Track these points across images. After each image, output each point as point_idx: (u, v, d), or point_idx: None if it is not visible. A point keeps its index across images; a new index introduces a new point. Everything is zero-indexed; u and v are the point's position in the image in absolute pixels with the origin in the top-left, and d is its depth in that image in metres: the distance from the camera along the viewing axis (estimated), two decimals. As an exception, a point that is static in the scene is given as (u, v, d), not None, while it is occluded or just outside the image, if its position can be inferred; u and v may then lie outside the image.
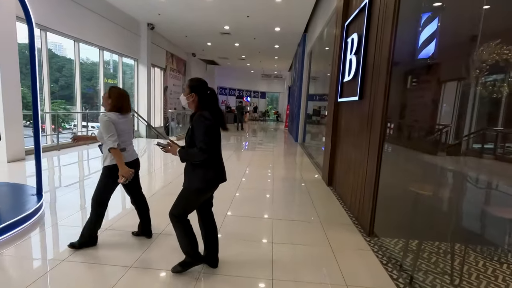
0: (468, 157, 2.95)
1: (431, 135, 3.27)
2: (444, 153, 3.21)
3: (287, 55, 13.76)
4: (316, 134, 8.04)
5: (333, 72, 4.32)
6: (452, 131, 2.97)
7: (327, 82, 6.35)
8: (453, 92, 2.95)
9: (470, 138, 2.84)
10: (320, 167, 5.68)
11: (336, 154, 4.12)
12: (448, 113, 3.09)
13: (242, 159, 6.26)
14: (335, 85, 4.12)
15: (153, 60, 10.69)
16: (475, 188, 2.97)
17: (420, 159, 3.25)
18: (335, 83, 4.14)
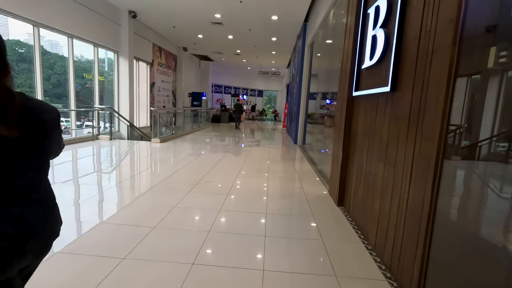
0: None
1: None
2: None
3: (285, 49, 12.75)
4: (319, 136, 7.05)
5: (345, 57, 3.33)
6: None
7: (332, 77, 5.38)
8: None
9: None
10: (325, 176, 4.69)
11: (350, 167, 3.13)
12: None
13: (234, 165, 5.27)
14: (349, 74, 3.13)
15: (137, 53, 9.64)
16: None
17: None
18: (348, 71, 3.15)
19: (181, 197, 3.30)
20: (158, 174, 4.46)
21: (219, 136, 10.61)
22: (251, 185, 4.02)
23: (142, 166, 5.03)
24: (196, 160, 5.64)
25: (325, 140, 5.58)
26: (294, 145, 8.93)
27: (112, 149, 6.54)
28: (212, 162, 5.40)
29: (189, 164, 5.16)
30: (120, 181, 3.96)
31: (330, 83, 5.37)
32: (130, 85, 8.90)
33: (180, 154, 6.31)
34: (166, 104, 12.87)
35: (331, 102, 5.38)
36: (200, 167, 4.99)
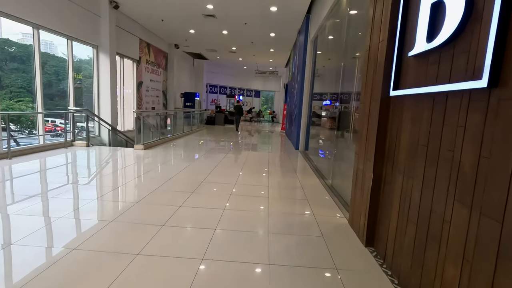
0: None
1: None
2: None
3: (285, 46, 11.88)
4: (327, 143, 6.16)
5: (374, 41, 2.44)
6: None
7: (346, 75, 4.51)
8: None
9: None
10: (338, 194, 3.80)
11: (387, 195, 2.23)
12: None
13: (226, 180, 4.36)
14: (383, 66, 2.24)
15: (121, 49, 8.69)
16: None
17: None
18: (382, 61, 2.26)
19: (150, 237, 2.38)
20: (127, 198, 3.53)
21: (213, 141, 9.69)
22: (247, 212, 3.11)
23: (108, 185, 4.09)
24: (181, 174, 4.72)
25: (337, 148, 4.69)
26: (296, 151, 8.04)
27: (81, 159, 5.59)
28: (199, 177, 4.49)
29: (170, 181, 4.23)
30: (74, 208, 3.02)
31: (343, 82, 4.49)
32: (113, 84, 7.95)
33: (162, 166, 5.38)
34: (156, 105, 11.92)
35: (347, 103, 4.49)
36: (183, 185, 4.07)
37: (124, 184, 4.04)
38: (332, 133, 5.36)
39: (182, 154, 6.52)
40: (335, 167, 4.58)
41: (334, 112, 4.98)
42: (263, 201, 3.46)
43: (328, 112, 5.65)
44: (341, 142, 4.49)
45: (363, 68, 2.73)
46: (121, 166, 5.13)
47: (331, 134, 5.48)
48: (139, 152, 6.49)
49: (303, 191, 4.01)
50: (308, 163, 6.15)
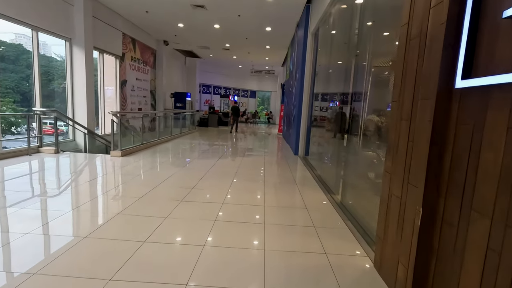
0: None
1: None
2: None
3: (282, 42, 11.09)
4: (334, 150, 5.38)
5: (417, 13, 1.63)
6: None
7: (358, 72, 3.72)
8: None
9: None
10: (351, 215, 2.99)
11: (454, 244, 1.42)
12: None
13: (212, 196, 3.54)
14: (441, 45, 1.44)
15: (100, 43, 7.82)
16: None
17: None
18: (440, 38, 1.46)
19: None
20: (66, 231, 2.68)
21: (203, 145, 8.84)
22: (234, 251, 2.29)
23: (66, 204, 3.23)
24: (157, 190, 3.87)
25: (347, 155, 3.88)
26: (295, 156, 7.23)
27: (40, 170, 4.71)
28: (179, 194, 3.65)
29: (139, 202, 3.39)
30: (11, 240, 2.17)
31: (355, 79, 3.69)
32: (89, 82, 7.07)
33: (136, 179, 4.53)
34: (143, 106, 11.04)
35: (359, 102, 3.69)
36: (155, 207, 3.23)
37: (98, 196, 3.18)
38: (339, 137, 4.56)
39: (164, 163, 5.66)
40: (345, 179, 3.77)
41: (343, 113, 4.18)
42: (257, 232, 2.63)
43: (333, 113, 4.85)
44: (351, 148, 3.69)
45: (399, 52, 1.93)
46: (85, 180, 4.26)
47: (337, 139, 4.68)
48: (115, 159, 5.62)
49: (308, 214, 3.19)
50: (310, 172, 5.34)
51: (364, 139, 3.33)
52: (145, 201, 3.33)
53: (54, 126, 5.91)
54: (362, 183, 3.36)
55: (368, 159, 3.31)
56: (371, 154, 3.30)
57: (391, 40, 2.86)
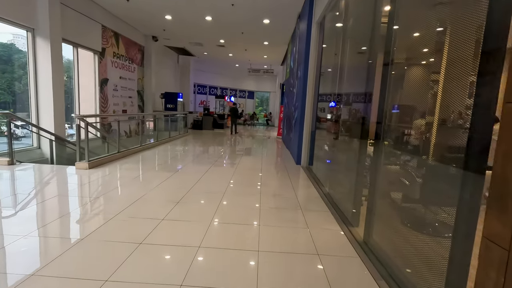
0: None
1: None
2: None
3: (281, 37, 10.11)
4: (345, 156, 4.39)
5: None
6: None
7: (363, 69, 2.73)
8: None
9: None
10: (391, 269, 1.99)
11: None
12: None
13: (185, 238, 2.55)
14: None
15: (72, 35, 6.82)
16: None
17: None
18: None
19: None
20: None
21: (192, 152, 7.84)
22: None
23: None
24: (122, 214, 2.87)
25: (374, 171, 2.88)
26: (297, 166, 6.24)
27: (53, 178, 3.70)
28: (138, 233, 2.64)
29: (100, 232, 2.39)
30: None
31: (385, 78, 2.69)
32: (56, 80, 6.06)
33: (98, 201, 3.52)
34: (129, 107, 10.03)
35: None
36: (123, 234, 2.23)
37: (11, 242, 2.17)
38: (357, 147, 3.56)
39: (135, 179, 4.65)
40: (371, 206, 2.77)
41: (364, 117, 3.17)
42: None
43: (349, 117, 3.85)
44: (378, 161, 2.70)
45: None
46: (45, 198, 3.24)
47: (354, 148, 3.68)
48: (80, 173, 4.61)
49: (320, 265, 2.19)
50: (315, 188, 4.34)
51: (399, 149, 2.37)
52: (107, 231, 2.32)
53: (8, 132, 4.89)
54: (398, 212, 2.37)
55: (409, 177, 2.32)
56: (412, 170, 2.32)
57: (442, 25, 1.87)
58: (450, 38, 1.76)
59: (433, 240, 1.95)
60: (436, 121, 1.98)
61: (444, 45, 1.80)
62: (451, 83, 1.73)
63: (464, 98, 1.58)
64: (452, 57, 1.71)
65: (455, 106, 1.70)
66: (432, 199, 2.06)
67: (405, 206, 2.40)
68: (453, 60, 1.70)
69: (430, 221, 2.02)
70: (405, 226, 2.24)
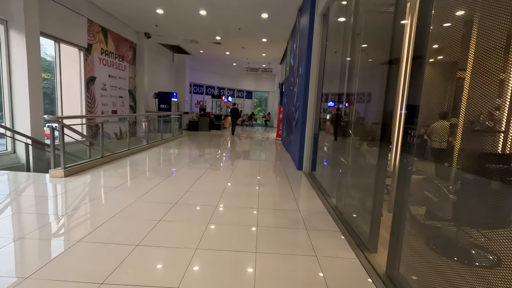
0: None
1: None
2: None
3: (281, 34, 9.58)
4: (358, 162, 3.85)
5: None
6: None
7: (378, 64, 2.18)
8: None
9: None
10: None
11: None
12: None
13: (167, 268, 2.01)
14: None
15: (53, 29, 6.26)
16: None
17: None
18: None
19: None
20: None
21: (184, 156, 7.30)
22: None
23: None
24: (90, 238, 2.32)
25: (401, 185, 2.35)
26: (298, 172, 5.70)
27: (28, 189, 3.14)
28: (117, 255, 2.09)
29: (60, 261, 1.84)
30: None
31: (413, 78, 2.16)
32: (33, 77, 5.49)
33: (68, 217, 2.97)
34: (119, 107, 9.46)
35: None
36: (78, 278, 1.68)
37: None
38: (371, 151, 3.02)
39: (120, 187, 4.10)
40: (397, 226, 2.23)
41: (383, 118, 2.63)
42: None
43: (365, 118, 3.31)
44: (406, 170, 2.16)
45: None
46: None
47: (369, 152, 3.14)
48: (55, 181, 4.06)
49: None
50: (321, 200, 3.81)
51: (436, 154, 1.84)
52: (69, 261, 1.77)
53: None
54: (438, 234, 1.84)
55: (453, 190, 1.80)
56: (457, 181, 1.79)
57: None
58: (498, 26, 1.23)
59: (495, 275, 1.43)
60: (492, 124, 1.45)
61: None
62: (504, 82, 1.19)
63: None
64: None
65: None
66: (491, 221, 1.53)
67: (447, 227, 1.87)
68: None
69: (490, 251, 1.49)
70: (448, 254, 1.71)
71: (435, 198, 1.92)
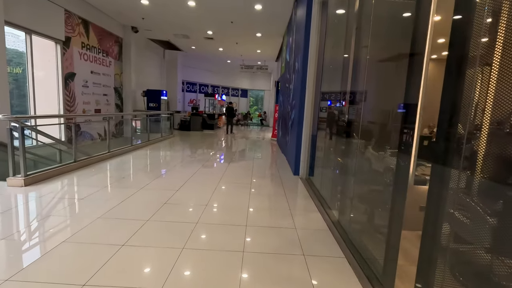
0: None
1: None
2: None
3: (276, 28, 9.03)
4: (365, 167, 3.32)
5: None
6: None
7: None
8: None
9: None
10: None
11: None
12: None
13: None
14: None
15: (21, 19, 5.65)
16: None
17: None
18: None
19: None
20: None
21: (171, 158, 6.74)
22: None
23: None
24: (22, 275, 1.76)
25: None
26: (294, 177, 5.17)
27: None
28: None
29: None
30: None
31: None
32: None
33: (18, 236, 2.41)
34: (104, 106, 8.84)
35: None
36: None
37: None
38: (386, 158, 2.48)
39: (87, 198, 3.53)
40: (428, 255, 1.70)
41: (404, 118, 2.10)
42: None
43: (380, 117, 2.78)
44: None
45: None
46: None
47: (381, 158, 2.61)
48: (12, 192, 3.48)
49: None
50: (322, 214, 3.27)
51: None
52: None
53: None
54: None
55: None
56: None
57: None
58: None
59: None
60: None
61: None
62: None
63: None
64: None
65: None
66: None
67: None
68: None
69: None
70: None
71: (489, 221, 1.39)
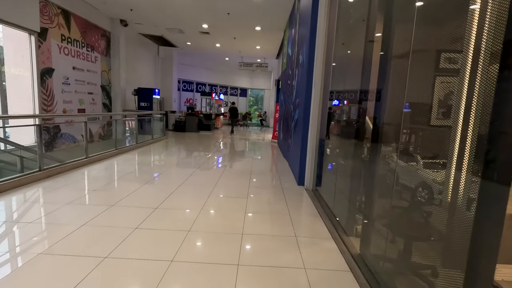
0: None
1: None
2: None
3: (276, 20, 8.30)
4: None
5: None
6: None
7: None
8: None
9: None
10: None
11: None
12: None
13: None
14: None
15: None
16: None
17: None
18: None
19: None
20: None
21: (159, 164, 6.02)
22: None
23: None
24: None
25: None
26: (298, 188, 4.44)
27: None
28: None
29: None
30: None
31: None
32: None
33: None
34: (89, 106, 8.11)
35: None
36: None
37: None
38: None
39: (46, 218, 2.81)
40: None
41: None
42: None
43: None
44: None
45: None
46: None
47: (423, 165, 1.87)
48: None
49: None
50: (337, 242, 2.54)
51: None
52: None
53: None
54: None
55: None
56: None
57: None
58: None
59: None
60: None
61: None
62: None
63: None
64: None
65: None
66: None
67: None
68: None
69: None
70: None
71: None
